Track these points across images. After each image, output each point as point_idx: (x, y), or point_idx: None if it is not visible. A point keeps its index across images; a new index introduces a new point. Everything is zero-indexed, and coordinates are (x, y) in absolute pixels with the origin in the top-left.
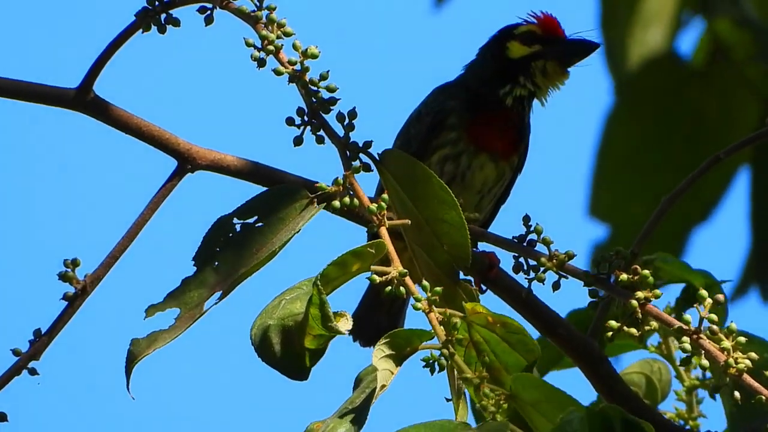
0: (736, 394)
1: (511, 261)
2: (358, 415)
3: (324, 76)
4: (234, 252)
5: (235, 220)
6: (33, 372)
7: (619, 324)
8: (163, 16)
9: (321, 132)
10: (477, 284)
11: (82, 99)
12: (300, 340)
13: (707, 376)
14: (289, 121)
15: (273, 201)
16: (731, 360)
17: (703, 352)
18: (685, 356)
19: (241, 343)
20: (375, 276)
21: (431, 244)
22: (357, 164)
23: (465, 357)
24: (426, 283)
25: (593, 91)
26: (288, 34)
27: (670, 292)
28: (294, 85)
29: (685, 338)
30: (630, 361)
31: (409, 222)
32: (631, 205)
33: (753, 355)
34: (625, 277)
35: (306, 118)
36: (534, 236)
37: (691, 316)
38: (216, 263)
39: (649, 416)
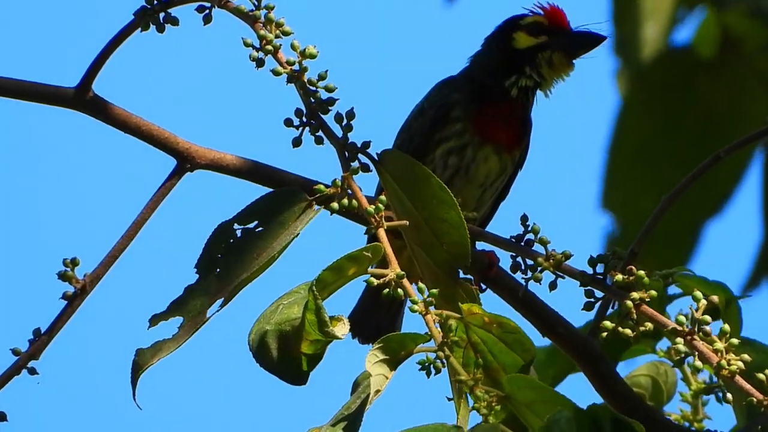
0: (729, 395)
1: (509, 260)
2: (353, 422)
3: (322, 76)
4: (235, 258)
5: (236, 226)
6: (32, 371)
7: (614, 324)
8: (161, 15)
9: (320, 133)
10: (477, 283)
11: (81, 98)
12: (297, 345)
13: (714, 380)
14: (288, 122)
15: (273, 205)
16: (724, 362)
17: (696, 353)
18: (678, 357)
19: (239, 349)
20: (372, 279)
21: (431, 243)
22: (356, 165)
23: (463, 358)
24: (422, 285)
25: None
26: (286, 33)
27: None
28: (293, 85)
29: (679, 339)
30: (639, 364)
31: (407, 223)
32: (642, 200)
33: (746, 356)
34: (620, 277)
35: (304, 119)
36: (531, 236)
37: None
38: (218, 270)
39: (650, 416)
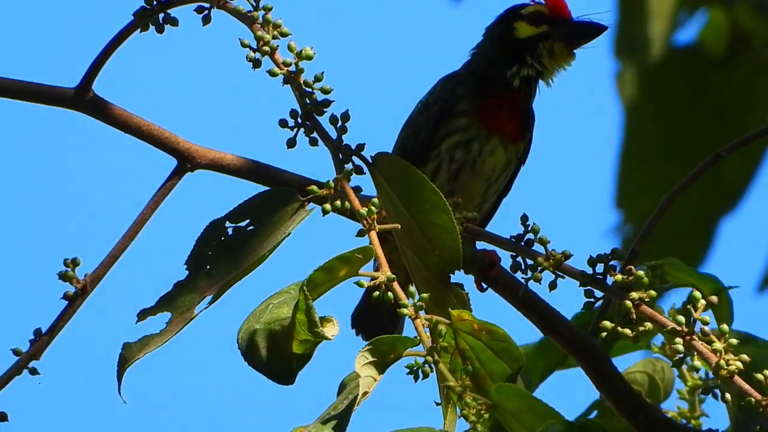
0: (728, 395)
1: (509, 260)
2: (340, 422)
3: (318, 78)
4: (226, 256)
5: (228, 224)
6: (33, 372)
7: (613, 324)
8: (161, 15)
9: (314, 134)
10: (478, 282)
11: (81, 98)
12: (287, 344)
13: (710, 376)
14: (283, 123)
15: (265, 204)
16: (722, 362)
17: (695, 353)
18: (678, 357)
19: (228, 347)
20: (363, 281)
21: (423, 247)
22: (349, 167)
23: (451, 364)
24: (413, 289)
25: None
26: (284, 35)
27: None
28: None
29: (678, 339)
30: (634, 361)
31: (399, 226)
32: (655, 197)
33: (745, 356)
34: (620, 277)
35: (299, 120)
36: (531, 236)
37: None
38: (208, 267)
39: (652, 415)
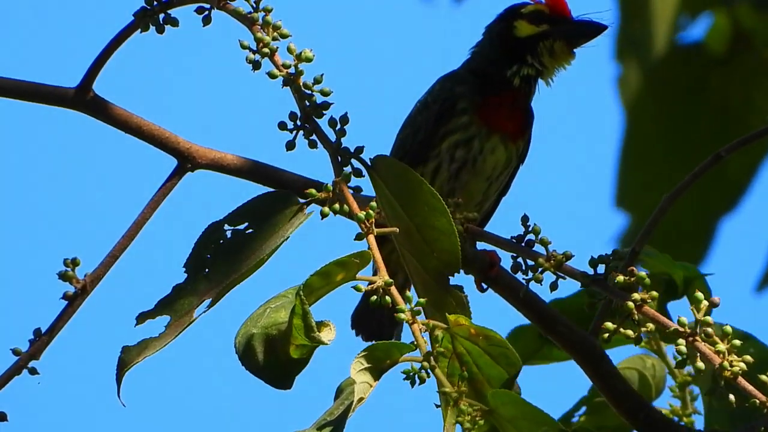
0: (731, 397)
1: (510, 261)
2: (335, 428)
3: (318, 80)
4: (225, 259)
5: (226, 226)
6: (33, 371)
7: (616, 325)
8: (161, 16)
9: (313, 136)
10: (478, 283)
11: (81, 98)
12: (284, 349)
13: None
14: (282, 126)
15: (264, 206)
16: (726, 363)
17: (698, 354)
18: (680, 359)
19: (226, 351)
20: (360, 285)
21: (421, 250)
22: (348, 170)
23: (449, 368)
24: (410, 294)
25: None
26: (284, 36)
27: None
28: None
29: (681, 341)
30: (621, 356)
31: (397, 230)
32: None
33: (748, 358)
34: (621, 278)
35: (299, 122)
36: (532, 236)
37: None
38: (207, 270)
39: (651, 414)
